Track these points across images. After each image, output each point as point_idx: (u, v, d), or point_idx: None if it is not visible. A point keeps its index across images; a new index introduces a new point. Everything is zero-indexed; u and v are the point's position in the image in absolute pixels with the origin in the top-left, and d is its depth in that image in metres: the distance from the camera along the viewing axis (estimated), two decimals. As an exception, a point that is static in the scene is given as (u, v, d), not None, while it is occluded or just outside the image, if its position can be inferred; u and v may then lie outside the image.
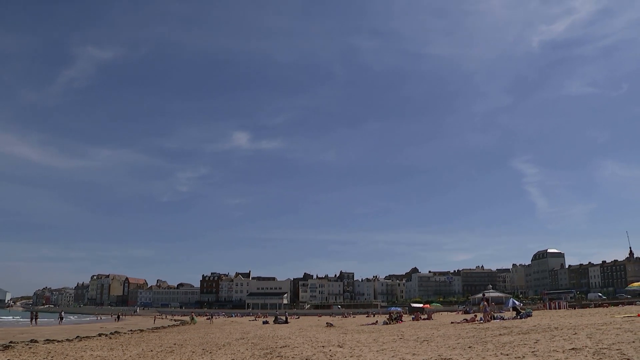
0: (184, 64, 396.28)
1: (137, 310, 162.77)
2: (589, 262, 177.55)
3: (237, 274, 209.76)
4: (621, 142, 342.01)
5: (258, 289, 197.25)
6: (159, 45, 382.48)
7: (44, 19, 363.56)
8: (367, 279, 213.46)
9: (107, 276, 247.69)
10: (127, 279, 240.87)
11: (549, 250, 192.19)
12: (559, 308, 68.73)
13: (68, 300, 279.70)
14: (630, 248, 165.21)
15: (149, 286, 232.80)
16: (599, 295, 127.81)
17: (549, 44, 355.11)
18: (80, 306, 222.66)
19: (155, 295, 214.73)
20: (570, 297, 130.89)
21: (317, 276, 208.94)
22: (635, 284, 74.87)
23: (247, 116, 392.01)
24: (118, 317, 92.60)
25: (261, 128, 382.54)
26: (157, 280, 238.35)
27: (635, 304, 76.85)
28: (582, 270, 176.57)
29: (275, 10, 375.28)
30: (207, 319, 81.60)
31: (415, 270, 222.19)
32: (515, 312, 43.22)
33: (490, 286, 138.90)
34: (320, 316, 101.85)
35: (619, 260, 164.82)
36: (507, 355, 13.53)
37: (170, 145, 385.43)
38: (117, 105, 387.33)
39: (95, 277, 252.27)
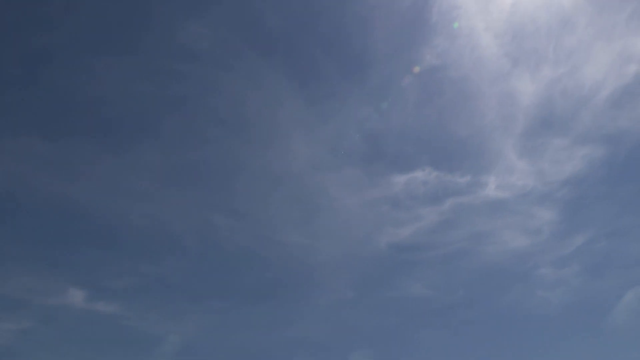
0: (33, 208, 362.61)
1: None
2: None
3: None
4: (454, 342, 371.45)
5: None
6: (12, 184, 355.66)
7: None
8: None
9: None
10: None
11: None
12: None
13: None
14: None
15: None
16: None
17: (396, 246, 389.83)
18: None
19: None
20: None
21: None
22: None
23: (87, 274, 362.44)
24: None
25: (99, 289, 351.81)
26: None
27: None
28: None
29: (138, 172, 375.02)
30: None
31: None
32: None
33: None
34: None
35: None
36: None
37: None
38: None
39: None
